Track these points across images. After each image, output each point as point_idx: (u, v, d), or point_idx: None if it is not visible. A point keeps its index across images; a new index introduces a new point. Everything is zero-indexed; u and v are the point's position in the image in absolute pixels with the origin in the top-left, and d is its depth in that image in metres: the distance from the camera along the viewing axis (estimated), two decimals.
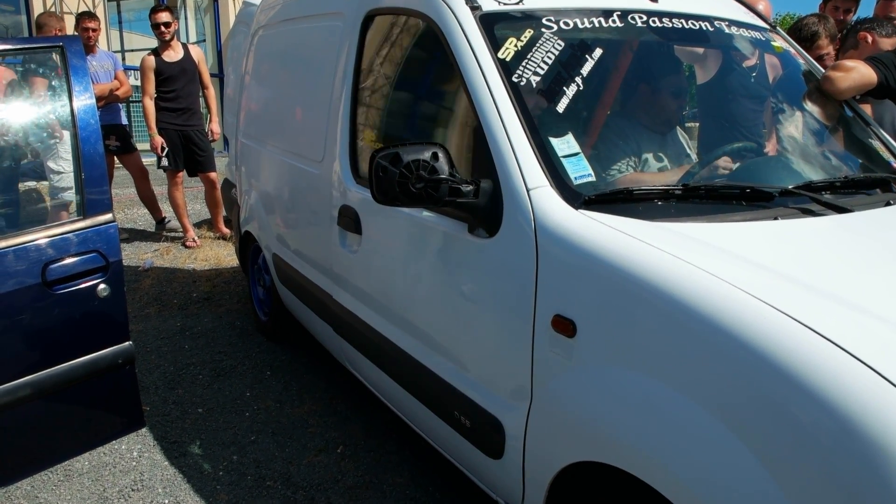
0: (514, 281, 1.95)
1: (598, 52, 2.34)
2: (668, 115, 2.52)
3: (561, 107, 2.17)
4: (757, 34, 2.87)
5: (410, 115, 2.76)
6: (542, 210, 1.90)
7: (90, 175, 2.26)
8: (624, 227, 1.80)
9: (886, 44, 3.23)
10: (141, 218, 7.49)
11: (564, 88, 2.21)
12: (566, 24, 2.37)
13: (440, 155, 1.99)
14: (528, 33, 2.30)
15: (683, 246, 1.71)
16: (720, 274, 1.55)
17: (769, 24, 3.03)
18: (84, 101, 2.31)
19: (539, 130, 2.07)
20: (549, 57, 2.26)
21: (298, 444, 3.20)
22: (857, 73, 2.84)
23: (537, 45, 2.27)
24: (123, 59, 14.07)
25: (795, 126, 2.69)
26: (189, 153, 6.36)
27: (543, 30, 2.32)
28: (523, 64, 2.22)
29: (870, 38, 3.26)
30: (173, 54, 6.26)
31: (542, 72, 2.22)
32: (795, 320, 1.41)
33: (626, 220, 1.86)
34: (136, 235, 6.89)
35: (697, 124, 2.81)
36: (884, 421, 1.24)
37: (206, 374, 3.91)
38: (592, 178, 2.04)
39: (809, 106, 2.77)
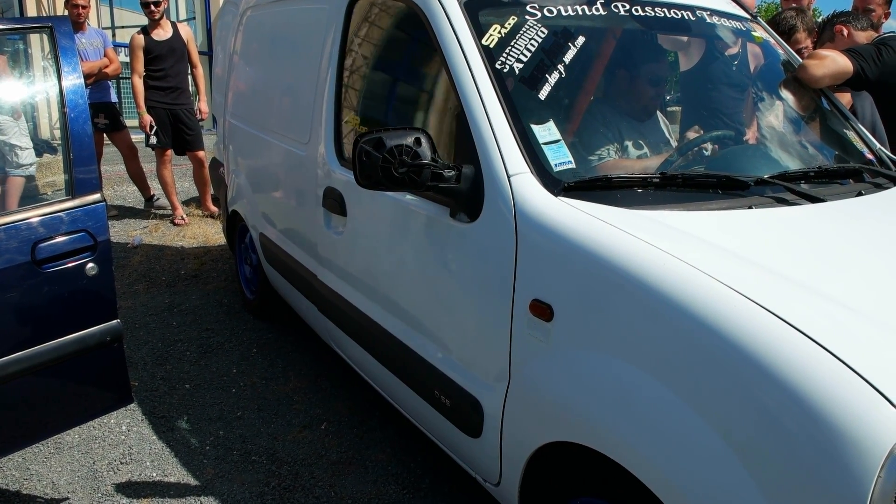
0: (494, 265, 2.00)
1: (580, 39, 2.38)
2: (649, 103, 2.56)
3: (543, 94, 2.21)
4: (738, 24, 2.91)
5: (395, 99, 2.80)
6: (521, 196, 1.95)
7: (79, 155, 2.28)
8: (601, 214, 1.86)
9: (862, 37, 3.28)
10: (130, 195, 7.49)
11: (547, 76, 2.25)
12: (550, 11, 2.41)
13: (423, 140, 2.03)
14: (511, 20, 2.33)
15: (658, 234, 1.77)
16: (691, 261, 1.61)
17: (750, 15, 3.07)
18: (73, 81, 2.33)
19: (521, 117, 2.11)
20: (532, 44, 2.29)
21: (283, 420, 3.26)
22: (833, 62, 2.89)
23: (521, 31, 2.31)
24: (114, 35, 13.96)
25: (773, 115, 2.74)
26: (177, 132, 6.37)
27: (527, 17, 2.36)
28: (507, 51, 2.25)
29: (846, 31, 3.31)
30: (162, 33, 6.25)
31: (525, 59, 2.25)
32: (762, 307, 1.46)
33: (604, 207, 1.91)
34: (125, 212, 6.90)
35: (680, 108, 2.86)
36: (848, 410, 1.28)
37: (194, 350, 3.96)
38: (572, 165, 2.09)
39: (787, 95, 2.82)
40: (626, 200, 1.99)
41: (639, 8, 2.59)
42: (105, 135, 6.51)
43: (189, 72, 6.60)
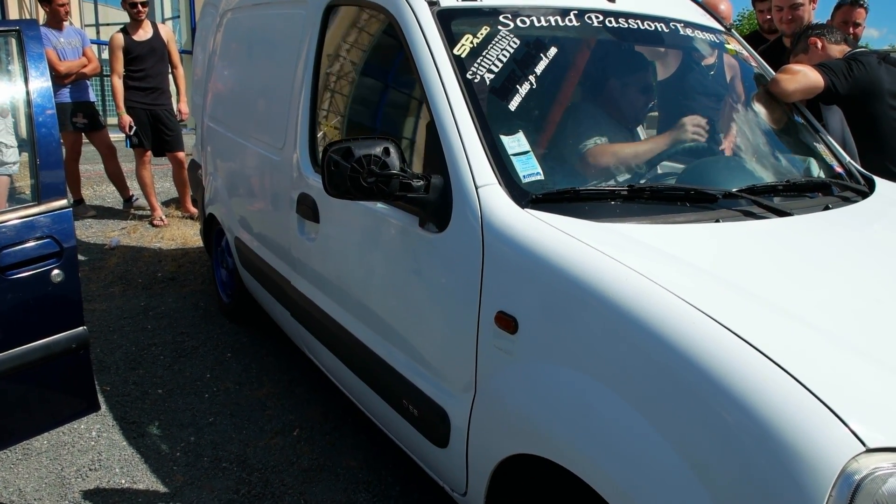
0: (461, 276, 2.00)
1: (552, 50, 2.38)
2: (622, 114, 2.57)
3: (513, 105, 2.22)
4: (711, 36, 2.93)
5: (368, 107, 2.79)
6: (489, 208, 1.95)
7: (45, 160, 2.27)
8: (567, 226, 1.86)
9: (835, 51, 3.32)
10: (109, 195, 7.44)
11: (518, 86, 2.25)
12: (523, 21, 2.41)
13: (391, 150, 2.03)
14: (484, 30, 2.34)
15: (622, 247, 1.77)
16: (652, 276, 1.62)
17: (724, 27, 3.09)
18: (40, 85, 2.31)
19: (490, 128, 2.11)
20: (504, 55, 2.30)
21: (256, 426, 3.25)
22: (804, 76, 2.92)
23: (493, 42, 2.31)
24: (98, 33, 13.87)
25: (744, 128, 2.76)
26: (157, 132, 6.32)
27: (500, 27, 2.36)
28: (478, 61, 2.26)
29: (820, 44, 3.34)
30: (143, 33, 6.21)
31: (496, 69, 2.26)
32: (720, 324, 1.47)
33: (570, 219, 1.92)
34: (103, 213, 6.85)
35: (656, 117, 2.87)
36: (801, 429, 1.29)
37: (168, 354, 3.94)
38: (541, 177, 2.09)
39: (758, 108, 2.84)
40: (595, 213, 2.00)
41: (612, 19, 2.60)
42: (84, 134, 6.46)
43: (170, 72, 6.56)
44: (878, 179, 2.81)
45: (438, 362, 2.16)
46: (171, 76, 6.57)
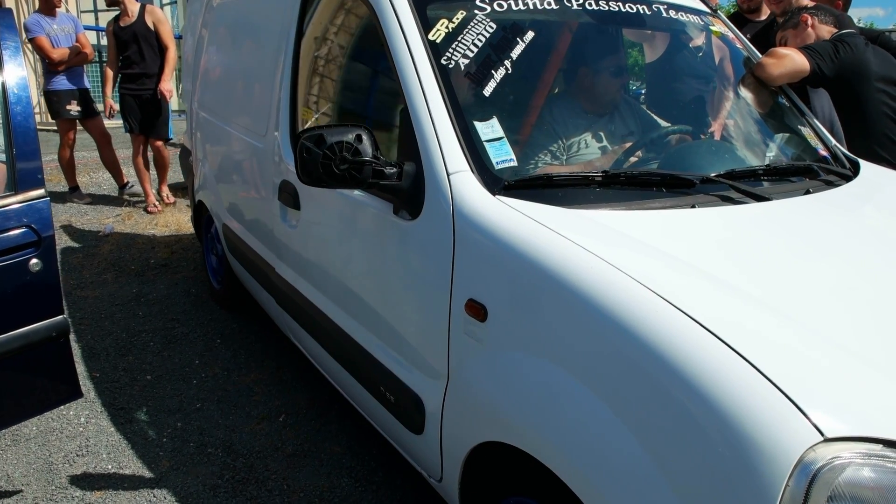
0: (434, 264, 2.00)
1: (530, 34, 2.36)
2: (601, 98, 2.55)
3: (488, 90, 2.20)
4: (696, 18, 2.89)
5: (347, 93, 2.78)
6: (460, 195, 1.94)
7: (22, 150, 2.26)
8: (537, 213, 1.85)
9: (824, 30, 3.28)
10: (106, 182, 7.45)
11: (493, 72, 2.23)
12: (500, 5, 2.39)
13: (364, 137, 2.02)
14: (460, 14, 2.31)
15: (592, 235, 1.76)
16: (617, 264, 1.60)
17: (710, 8, 3.06)
18: (15, 74, 2.30)
19: (464, 114, 2.10)
20: (479, 39, 2.28)
21: (242, 412, 3.26)
22: (791, 61, 2.89)
23: (469, 26, 2.29)
24: (96, 19, 13.81)
25: (728, 112, 2.74)
26: (146, 116, 6.31)
27: (476, 11, 2.34)
28: (453, 46, 2.23)
29: (810, 21, 3.30)
30: (127, 19, 6.18)
31: (471, 54, 2.24)
32: (682, 311, 1.46)
33: (542, 206, 1.90)
34: (99, 200, 6.86)
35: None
36: (760, 418, 1.28)
37: (158, 341, 3.95)
38: (514, 163, 2.08)
39: (743, 92, 2.81)
40: (568, 199, 1.98)
41: (592, 2, 2.57)
42: (78, 122, 6.45)
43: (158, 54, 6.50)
44: (862, 163, 2.79)
45: (413, 350, 2.16)
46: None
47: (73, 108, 6.21)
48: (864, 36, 3.31)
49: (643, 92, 3.07)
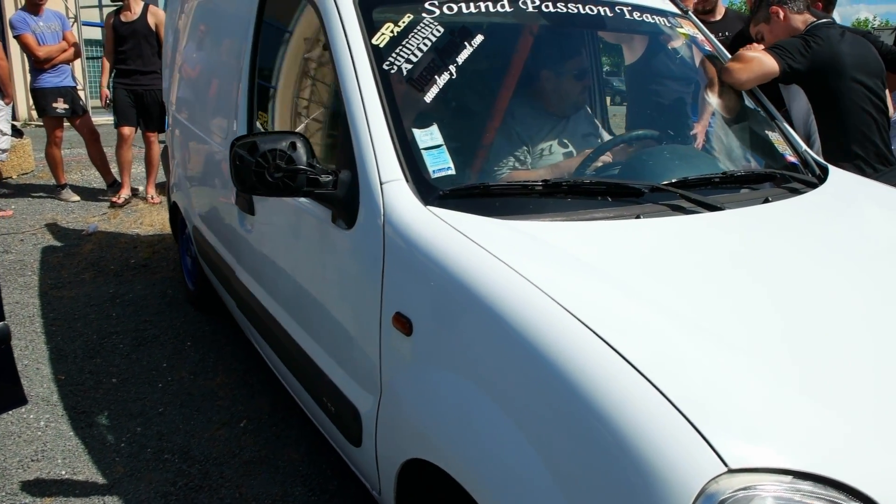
0: (366, 275, 1.95)
1: (479, 38, 2.30)
2: (555, 103, 2.49)
3: (430, 96, 2.14)
4: (662, 20, 2.82)
5: (295, 98, 2.73)
6: (391, 205, 1.89)
7: None
8: (465, 226, 1.79)
9: (798, 20, 3.16)
10: (96, 180, 7.44)
11: (436, 77, 2.18)
12: (450, 8, 2.33)
13: (298, 144, 1.98)
14: (407, 18, 2.26)
15: (518, 248, 1.70)
16: (535, 280, 1.54)
17: (681, 10, 2.98)
18: None
19: (402, 121, 2.05)
20: (425, 44, 2.22)
21: (204, 417, 3.23)
22: (758, 63, 2.81)
23: (415, 30, 2.23)
24: (101, 15, 13.80)
25: (692, 117, 2.67)
26: (141, 112, 6.33)
27: (424, 14, 2.28)
28: (397, 51, 2.18)
29: (781, 14, 3.19)
30: (130, 15, 6.24)
31: (415, 59, 2.18)
32: (593, 332, 1.40)
33: (474, 218, 1.85)
34: (87, 197, 6.85)
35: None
36: (663, 447, 1.23)
37: (128, 343, 3.93)
38: (452, 172, 2.03)
39: (710, 96, 2.74)
40: (506, 210, 1.93)
41: (550, 4, 2.51)
42: (67, 120, 6.45)
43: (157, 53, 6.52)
44: (832, 169, 2.70)
45: (350, 361, 2.12)
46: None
47: (60, 105, 6.21)
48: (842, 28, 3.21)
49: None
